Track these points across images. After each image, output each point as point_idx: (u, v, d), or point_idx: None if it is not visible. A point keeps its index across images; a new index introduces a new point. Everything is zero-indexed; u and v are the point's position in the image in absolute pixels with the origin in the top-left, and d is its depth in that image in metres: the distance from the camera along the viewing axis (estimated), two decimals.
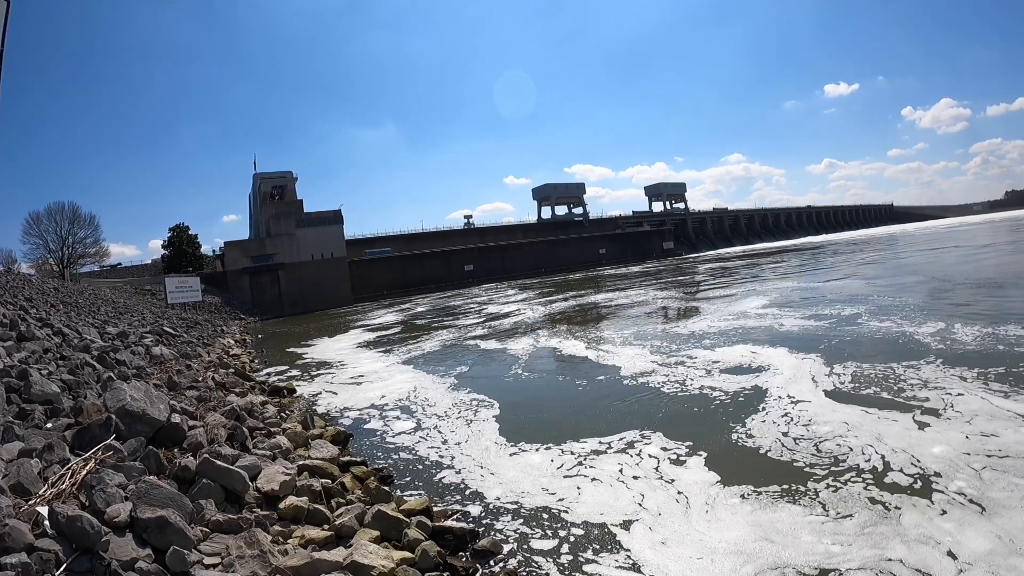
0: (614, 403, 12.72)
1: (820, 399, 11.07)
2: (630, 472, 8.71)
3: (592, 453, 9.71)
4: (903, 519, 6.47)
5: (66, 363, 11.98)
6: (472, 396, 14.92)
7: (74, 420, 8.03)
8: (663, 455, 9.21)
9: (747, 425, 10.14)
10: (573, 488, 8.37)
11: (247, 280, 78.05)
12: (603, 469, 8.96)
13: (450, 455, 10.61)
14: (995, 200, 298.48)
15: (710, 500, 7.44)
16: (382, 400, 15.72)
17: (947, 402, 9.93)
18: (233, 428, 9.81)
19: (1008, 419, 8.83)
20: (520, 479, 9.00)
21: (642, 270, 75.70)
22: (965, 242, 55.77)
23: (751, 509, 7.09)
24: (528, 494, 8.38)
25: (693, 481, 8.08)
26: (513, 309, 40.48)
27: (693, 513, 7.14)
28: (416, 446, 11.39)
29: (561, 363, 18.21)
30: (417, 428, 12.67)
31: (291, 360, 27.60)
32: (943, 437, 8.46)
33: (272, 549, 5.90)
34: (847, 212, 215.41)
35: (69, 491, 5.85)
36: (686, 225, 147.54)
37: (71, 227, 68.51)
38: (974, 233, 73.55)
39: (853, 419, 9.69)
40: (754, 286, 35.31)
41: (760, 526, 6.66)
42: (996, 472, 7.18)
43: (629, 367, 15.86)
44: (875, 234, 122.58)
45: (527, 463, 9.67)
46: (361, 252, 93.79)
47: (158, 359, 17.98)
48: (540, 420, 12.24)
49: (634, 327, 23.45)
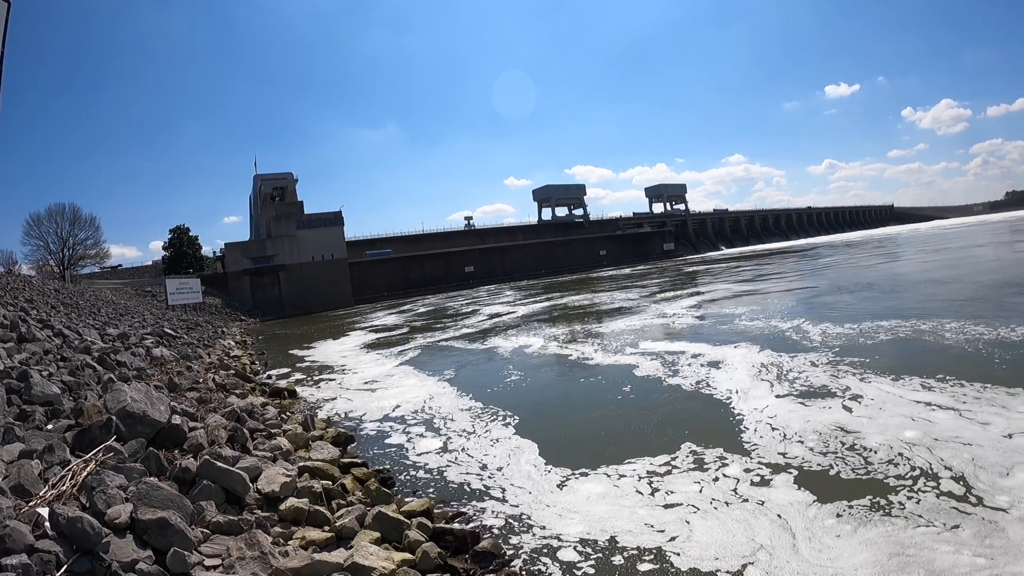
0: (641, 411, 12.13)
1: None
2: (711, 496, 7.66)
3: (652, 474, 8.64)
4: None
5: (67, 364, 11.98)
6: (481, 399, 14.88)
7: (75, 421, 8.04)
8: (742, 475, 8.21)
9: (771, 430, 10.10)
10: (661, 521, 7.15)
11: (248, 281, 78.08)
12: (678, 494, 7.85)
13: (457, 458, 10.60)
14: (996, 201, 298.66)
15: (814, 524, 6.65)
16: (385, 403, 15.68)
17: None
18: (234, 430, 9.80)
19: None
20: (580, 508, 7.82)
21: (641, 270, 75.77)
22: (951, 244, 55.68)
23: (855, 527, 6.48)
24: (600, 528, 7.18)
25: (786, 503, 7.20)
26: (513, 310, 40.65)
27: (803, 543, 6.27)
28: (419, 449, 11.40)
29: (571, 367, 18.06)
30: (430, 433, 12.64)
31: (292, 362, 27.60)
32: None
33: (273, 550, 5.90)
34: (847, 213, 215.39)
35: (70, 492, 5.85)
36: (686, 226, 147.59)
37: (71, 228, 68.75)
38: (970, 235, 73.44)
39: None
40: (730, 286, 35.42)
41: (879, 544, 6.06)
42: None
43: (643, 370, 15.79)
44: (872, 235, 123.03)
45: (582, 491, 8.39)
46: (362, 253, 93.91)
47: (159, 360, 17.98)
48: (571, 434, 11.34)
49: (632, 325, 23.55)
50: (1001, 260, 36.67)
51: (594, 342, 21.63)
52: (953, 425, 8.92)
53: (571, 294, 48.94)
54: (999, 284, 23.56)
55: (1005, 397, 9.93)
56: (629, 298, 38.34)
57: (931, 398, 10.41)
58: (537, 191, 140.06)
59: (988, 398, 10.01)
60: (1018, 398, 9.74)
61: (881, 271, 37.46)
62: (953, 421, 9.10)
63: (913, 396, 10.57)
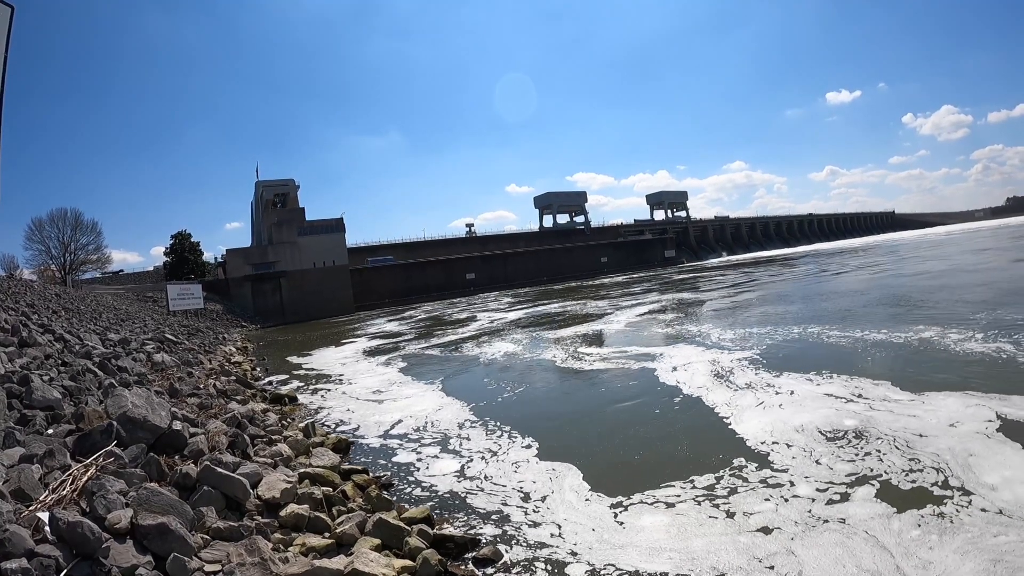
0: (654, 424, 11.66)
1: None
2: (791, 519, 6.96)
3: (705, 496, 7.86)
4: None
5: (68, 369, 11.97)
6: (475, 403, 14.91)
7: (75, 426, 8.02)
8: (816, 494, 7.53)
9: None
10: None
11: (249, 288, 78.07)
12: (752, 519, 7.11)
13: (461, 465, 10.59)
14: (997, 207, 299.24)
15: (907, 539, 6.20)
16: (385, 410, 15.63)
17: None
18: (234, 435, 9.80)
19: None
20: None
21: (640, 276, 75.74)
22: (945, 254, 55.39)
23: (958, 535, 6.11)
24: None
25: (863, 515, 6.79)
26: (512, 316, 40.85)
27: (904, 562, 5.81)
28: (420, 455, 11.35)
29: (564, 372, 18.11)
30: (428, 438, 12.58)
31: (293, 368, 27.52)
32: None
33: (273, 557, 5.89)
34: (848, 220, 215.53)
35: (70, 497, 5.84)
36: (687, 233, 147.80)
37: (73, 233, 68.96)
38: (968, 241, 73.20)
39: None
40: (727, 290, 35.45)
41: (987, 551, 5.76)
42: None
43: (661, 376, 15.67)
44: (869, 243, 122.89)
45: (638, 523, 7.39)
46: (363, 260, 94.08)
47: (159, 366, 17.98)
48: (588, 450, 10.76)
49: (624, 333, 23.55)
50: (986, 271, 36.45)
51: (589, 346, 21.94)
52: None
53: (570, 300, 48.97)
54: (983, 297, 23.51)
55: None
56: (620, 305, 38.53)
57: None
58: (538, 198, 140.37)
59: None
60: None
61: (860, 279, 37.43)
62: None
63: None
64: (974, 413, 9.61)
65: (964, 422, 9.29)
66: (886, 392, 11.43)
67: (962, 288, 26.04)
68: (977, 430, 8.91)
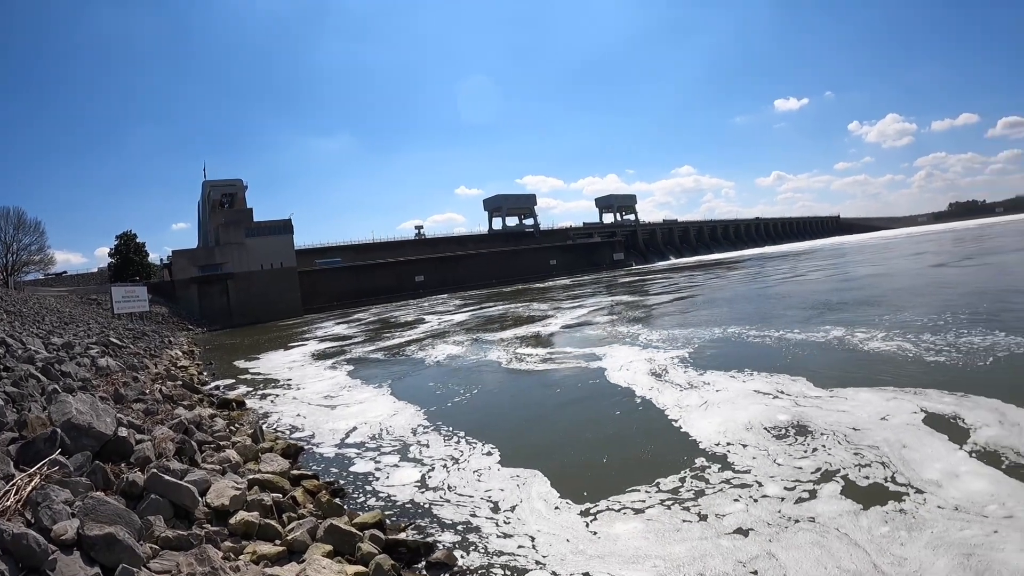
0: (608, 423, 12.05)
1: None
2: (763, 519, 7.16)
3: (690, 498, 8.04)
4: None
5: (9, 375, 11.66)
6: (422, 405, 15.05)
7: (18, 434, 7.84)
8: (783, 493, 7.80)
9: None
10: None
11: (195, 290, 76.16)
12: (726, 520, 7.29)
13: (413, 470, 10.63)
14: (939, 212, 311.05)
15: (878, 536, 6.48)
16: (335, 415, 15.64)
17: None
18: (182, 442, 9.68)
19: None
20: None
21: (588, 279, 76.44)
22: (883, 258, 57.56)
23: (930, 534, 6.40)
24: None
25: (831, 513, 7.06)
26: (459, 319, 41.39)
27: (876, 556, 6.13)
28: (368, 458, 11.39)
29: (526, 377, 18.20)
30: (374, 441, 12.66)
31: (240, 373, 27.09)
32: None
33: (223, 566, 5.87)
34: (795, 224, 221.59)
35: (14, 508, 5.74)
36: (636, 236, 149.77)
37: (15, 233, 65.92)
38: (909, 246, 75.95)
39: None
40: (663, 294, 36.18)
41: (956, 545, 6.05)
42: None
43: (611, 375, 16.21)
44: (815, 246, 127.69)
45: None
46: (311, 262, 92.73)
47: (104, 371, 17.56)
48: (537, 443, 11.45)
49: (569, 335, 23.74)
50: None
51: (535, 347, 22.22)
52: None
53: (517, 302, 49.38)
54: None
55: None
56: (562, 307, 38.94)
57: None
58: (488, 200, 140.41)
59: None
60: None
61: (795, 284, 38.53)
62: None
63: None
64: (896, 407, 10.49)
65: (890, 416, 10.10)
66: (803, 388, 12.46)
67: (876, 290, 29.06)
68: (906, 422, 9.69)
